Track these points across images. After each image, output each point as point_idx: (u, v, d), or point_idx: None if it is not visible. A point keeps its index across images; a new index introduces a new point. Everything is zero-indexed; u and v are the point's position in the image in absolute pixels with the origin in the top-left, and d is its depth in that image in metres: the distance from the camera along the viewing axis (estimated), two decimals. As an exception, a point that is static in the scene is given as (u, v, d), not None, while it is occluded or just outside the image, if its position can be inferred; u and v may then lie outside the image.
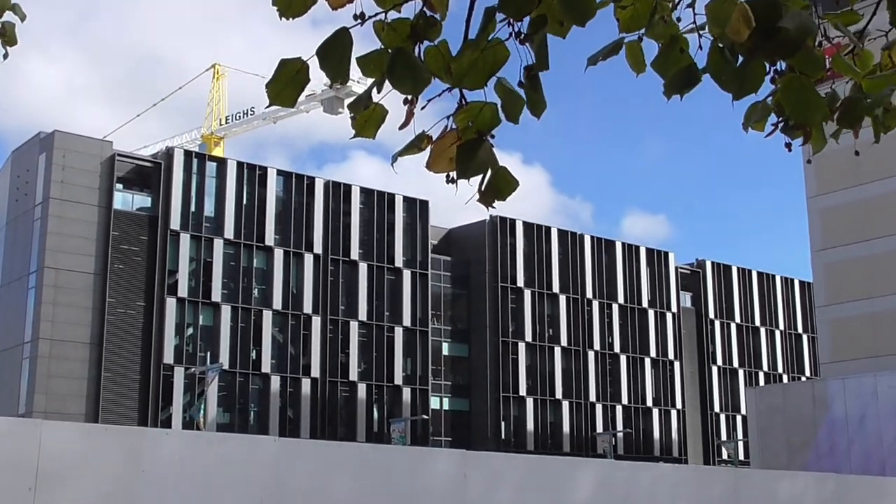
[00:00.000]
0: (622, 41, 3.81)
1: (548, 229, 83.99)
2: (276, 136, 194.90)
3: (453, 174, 3.50)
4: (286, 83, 3.44)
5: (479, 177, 3.53)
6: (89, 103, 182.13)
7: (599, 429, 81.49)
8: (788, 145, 3.98)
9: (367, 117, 3.55)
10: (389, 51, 3.42)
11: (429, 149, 3.50)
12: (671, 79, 3.69)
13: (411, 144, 3.51)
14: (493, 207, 3.55)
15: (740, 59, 3.58)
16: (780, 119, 3.90)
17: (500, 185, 3.54)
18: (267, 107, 3.45)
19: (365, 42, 3.54)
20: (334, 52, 3.41)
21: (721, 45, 3.60)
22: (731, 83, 3.58)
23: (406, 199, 78.23)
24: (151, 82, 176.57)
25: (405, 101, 3.48)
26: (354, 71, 3.54)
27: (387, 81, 3.43)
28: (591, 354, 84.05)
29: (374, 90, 3.50)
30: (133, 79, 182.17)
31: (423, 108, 3.51)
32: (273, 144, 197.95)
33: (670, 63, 3.70)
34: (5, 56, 5.38)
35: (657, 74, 3.70)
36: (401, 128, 3.49)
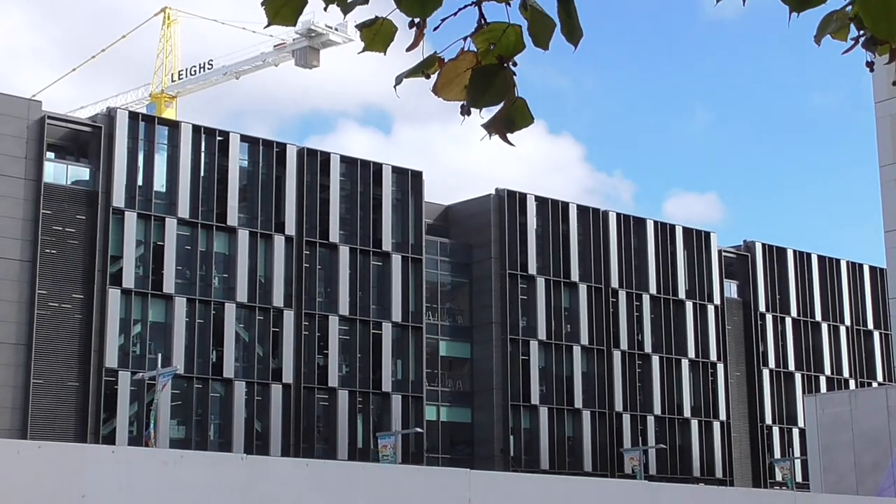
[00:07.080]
0: None
1: (565, 205, 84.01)
2: (258, 102, 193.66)
3: (466, 104, 3.52)
4: None
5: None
6: (43, 66, 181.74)
7: (627, 444, 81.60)
8: (870, 64, 3.97)
9: (375, 31, 3.59)
10: None
11: (437, 72, 3.52)
12: None
13: (418, 67, 3.55)
14: (510, 144, 3.54)
15: None
16: (861, 33, 3.89)
17: (516, 117, 3.58)
18: (265, 27, 3.43)
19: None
20: None
21: None
22: None
23: (396, 169, 78.20)
24: (101, 35, 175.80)
25: (411, 24, 3.52)
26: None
27: None
28: (616, 355, 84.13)
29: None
30: (88, 37, 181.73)
31: (435, 29, 3.56)
32: (256, 112, 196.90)
33: None
34: None
35: None
36: (408, 49, 3.55)
